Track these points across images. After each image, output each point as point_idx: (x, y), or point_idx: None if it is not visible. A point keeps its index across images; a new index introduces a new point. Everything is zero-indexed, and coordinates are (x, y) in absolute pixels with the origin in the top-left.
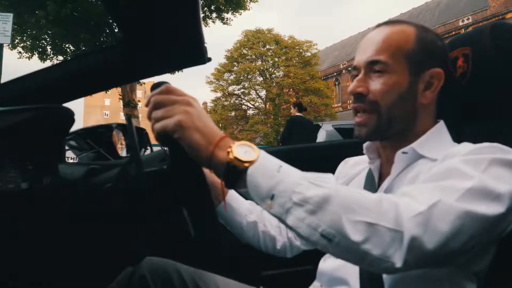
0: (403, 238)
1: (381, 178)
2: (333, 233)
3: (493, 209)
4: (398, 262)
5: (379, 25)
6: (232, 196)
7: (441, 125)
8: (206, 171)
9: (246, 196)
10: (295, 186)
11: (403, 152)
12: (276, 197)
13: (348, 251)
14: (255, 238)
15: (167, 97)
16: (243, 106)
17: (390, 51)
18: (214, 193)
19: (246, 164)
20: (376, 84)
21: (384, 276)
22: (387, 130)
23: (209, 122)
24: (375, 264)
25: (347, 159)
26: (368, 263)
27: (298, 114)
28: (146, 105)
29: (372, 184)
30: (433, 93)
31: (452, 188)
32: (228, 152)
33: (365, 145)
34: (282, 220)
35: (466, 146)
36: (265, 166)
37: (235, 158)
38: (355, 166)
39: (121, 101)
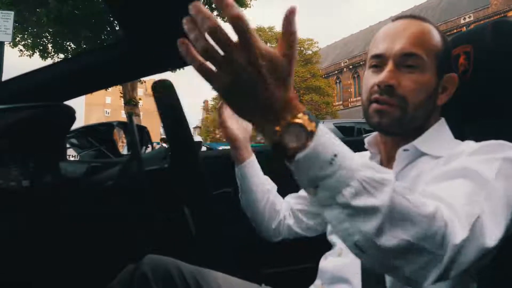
0: (442, 262)
1: None
2: (367, 247)
3: (508, 216)
4: (429, 281)
5: (401, 17)
6: (254, 163)
7: (442, 122)
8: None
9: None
10: (343, 185)
11: (405, 150)
12: (320, 189)
13: (381, 264)
14: (262, 205)
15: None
16: None
17: (426, 47)
18: (240, 152)
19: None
20: (407, 80)
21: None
22: (407, 126)
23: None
24: (404, 279)
25: None
26: (399, 278)
27: None
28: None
29: None
30: (448, 96)
31: (478, 197)
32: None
33: (366, 139)
34: (321, 210)
35: (471, 144)
36: (318, 155)
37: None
38: None
39: (122, 99)
